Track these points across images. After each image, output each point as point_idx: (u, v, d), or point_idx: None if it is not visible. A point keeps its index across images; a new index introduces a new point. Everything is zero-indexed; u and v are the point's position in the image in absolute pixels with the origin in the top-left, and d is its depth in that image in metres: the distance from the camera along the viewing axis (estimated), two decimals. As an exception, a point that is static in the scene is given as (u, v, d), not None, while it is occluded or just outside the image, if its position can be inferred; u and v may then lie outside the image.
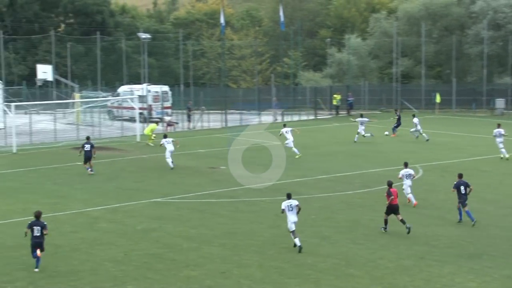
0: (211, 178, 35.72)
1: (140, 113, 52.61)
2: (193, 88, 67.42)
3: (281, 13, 71.82)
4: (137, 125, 49.98)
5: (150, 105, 58.41)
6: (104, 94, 60.88)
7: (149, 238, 25.25)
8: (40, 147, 45.68)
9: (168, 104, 61.10)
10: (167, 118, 56.66)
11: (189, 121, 57.95)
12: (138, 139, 48.98)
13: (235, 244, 24.44)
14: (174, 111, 61.09)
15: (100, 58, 60.25)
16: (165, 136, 39.76)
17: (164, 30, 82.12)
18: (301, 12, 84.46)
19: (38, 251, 21.84)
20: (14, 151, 43.64)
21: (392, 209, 25.27)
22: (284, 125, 44.12)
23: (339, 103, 66.73)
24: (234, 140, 48.28)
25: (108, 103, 59.27)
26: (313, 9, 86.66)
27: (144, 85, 57.55)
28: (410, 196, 29.31)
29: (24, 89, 67.65)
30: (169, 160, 38.46)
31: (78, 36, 74.98)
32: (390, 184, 25.48)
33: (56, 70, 64.35)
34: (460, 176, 27.08)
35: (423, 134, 48.38)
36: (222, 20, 69.84)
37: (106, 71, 71.41)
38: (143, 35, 57.42)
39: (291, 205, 23.57)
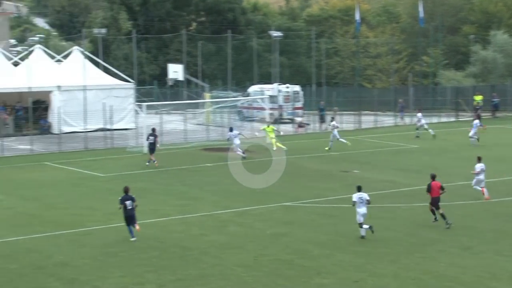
0: (344, 182, 35.52)
1: (271, 114, 53.03)
2: (325, 88, 67.33)
3: (420, 9, 70.46)
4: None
5: (281, 106, 58.80)
6: (234, 94, 61.79)
7: (279, 243, 25.38)
8: (170, 148, 46.93)
9: (299, 104, 61.29)
10: (298, 119, 56.85)
11: (321, 122, 57.89)
12: (268, 140, 49.34)
13: (369, 252, 24.17)
14: (306, 112, 61.19)
15: (230, 57, 61.23)
16: (231, 130, 43.28)
17: (297, 27, 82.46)
18: (442, 7, 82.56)
19: (137, 226, 25.40)
20: (145, 151, 45.05)
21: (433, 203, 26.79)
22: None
23: (481, 103, 64.66)
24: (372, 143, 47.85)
25: (238, 104, 60.14)
26: (456, 4, 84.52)
27: (275, 85, 58.00)
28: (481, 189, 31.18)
29: (155, 89, 69.74)
30: (240, 152, 41.54)
31: (209, 34, 76.55)
32: (432, 177, 26.95)
33: (187, 69, 65.93)
34: None
35: (429, 130, 49.11)
36: (357, 17, 69.38)
37: (236, 70, 72.51)
38: (275, 33, 57.90)
39: (362, 197, 25.30)
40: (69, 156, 42.38)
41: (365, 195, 25.59)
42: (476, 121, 47.71)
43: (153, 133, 40.58)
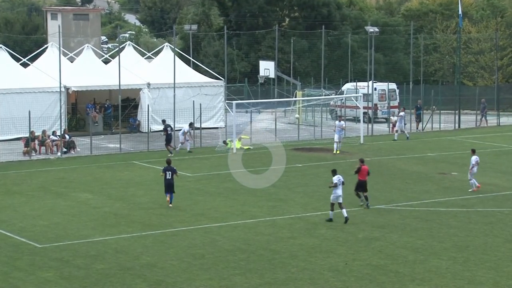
0: (441, 185, 34.95)
1: (365, 113, 52.62)
2: (423, 86, 66.35)
3: (527, 2, 68.48)
4: (361, 126, 50.07)
5: (376, 104, 58.26)
6: (327, 92, 61.55)
7: (371, 247, 25.18)
8: (260, 147, 47.13)
9: (395, 103, 60.59)
10: (393, 119, 56.20)
11: (418, 121, 57.08)
12: (361, 140, 49.06)
13: (467, 259, 23.73)
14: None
15: (324, 53, 61.04)
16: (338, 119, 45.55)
17: (394, 23, 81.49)
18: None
19: (172, 195, 30.89)
20: (234, 151, 45.42)
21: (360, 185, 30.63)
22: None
23: None
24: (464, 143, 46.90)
25: (331, 102, 59.87)
26: None
27: (370, 83, 57.51)
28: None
29: (246, 86, 70.15)
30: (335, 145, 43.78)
31: (302, 30, 76.49)
32: (361, 161, 31.02)
33: (279, 66, 66.04)
34: None
35: (405, 132, 49.98)
36: (460, 11, 68.07)
37: (329, 67, 72.21)
38: (371, 29, 57.35)
39: (340, 179, 28.75)
40: (157, 155, 43.14)
41: (341, 177, 28.92)
42: None
43: (168, 124, 44.48)
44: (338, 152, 43.45)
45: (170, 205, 30.99)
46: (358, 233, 27.03)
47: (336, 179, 28.80)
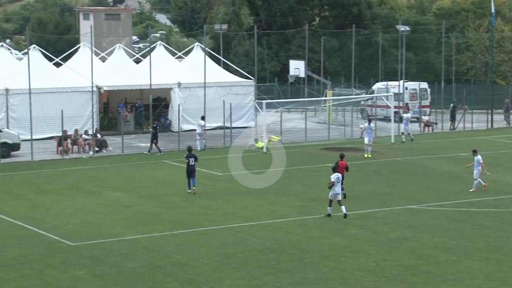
0: (473, 185, 34.66)
1: (395, 112, 52.37)
2: (454, 85, 65.88)
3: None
4: (392, 125, 49.86)
5: (407, 104, 57.96)
6: (358, 91, 61.34)
7: (403, 247, 25.07)
8: (290, 147, 47.13)
9: (426, 102, 60.22)
10: (424, 118, 55.90)
11: (452, 120, 56.70)
12: (392, 140, 48.84)
13: (500, 260, 23.54)
14: (434, 110, 60.07)
15: (354, 53, 60.81)
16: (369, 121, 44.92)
17: (425, 21, 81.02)
18: None
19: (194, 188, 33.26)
20: (265, 150, 45.42)
21: None
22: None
23: None
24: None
25: (362, 101, 59.67)
26: None
27: (401, 82, 57.22)
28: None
29: (276, 86, 70.12)
30: (367, 148, 43.08)
31: (333, 29, 76.29)
32: (341, 157, 31.95)
33: (309, 66, 65.92)
34: None
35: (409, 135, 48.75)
36: (492, 9, 67.46)
37: (360, 66, 71.94)
38: (402, 28, 57.06)
39: (339, 177, 29.06)
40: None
41: (340, 175, 29.31)
42: None
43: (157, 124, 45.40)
44: (369, 155, 42.77)
45: (189, 190, 33.32)
46: (389, 233, 26.92)
47: (334, 177, 29.12)
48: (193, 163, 33.60)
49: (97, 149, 45.20)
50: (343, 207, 29.14)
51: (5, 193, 34.26)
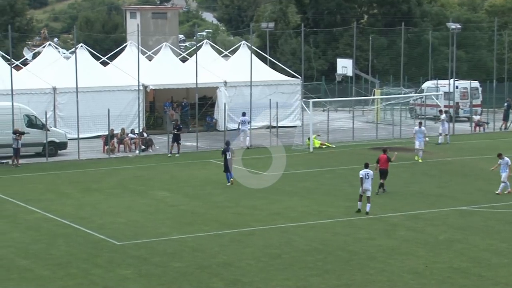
0: (526, 187, 34.14)
1: (446, 112, 51.80)
2: (507, 84, 64.97)
3: None
4: (441, 125, 49.31)
5: (457, 103, 57.32)
6: (407, 90, 60.83)
7: (453, 250, 24.80)
8: (337, 146, 46.92)
9: (477, 102, 59.47)
10: (476, 118, 55.21)
11: (504, 120, 55.89)
12: (442, 140, 48.33)
13: (553, 264, 23.13)
14: (485, 109, 59.31)
15: (403, 51, 60.31)
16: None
17: (477, 19, 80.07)
18: None
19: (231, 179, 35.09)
20: (311, 150, 45.31)
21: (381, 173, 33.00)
22: None
23: None
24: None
25: (411, 101, 59.15)
26: None
27: (451, 81, 56.59)
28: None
29: (323, 85, 69.89)
30: (418, 152, 41.76)
31: (381, 27, 75.80)
32: (383, 150, 33.53)
33: (356, 64, 65.59)
34: None
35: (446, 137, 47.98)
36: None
37: (409, 65, 71.33)
38: (453, 25, 56.42)
39: (368, 174, 29.55)
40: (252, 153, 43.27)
41: (371, 172, 29.75)
42: None
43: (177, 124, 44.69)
44: (420, 160, 41.91)
45: (228, 183, 35.12)
46: (439, 234, 26.65)
47: (362, 173, 29.64)
48: (230, 157, 35.14)
49: (143, 148, 45.51)
50: (368, 205, 29.53)
51: (52, 191, 34.69)
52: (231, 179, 35.37)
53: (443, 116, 48.94)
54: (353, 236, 26.52)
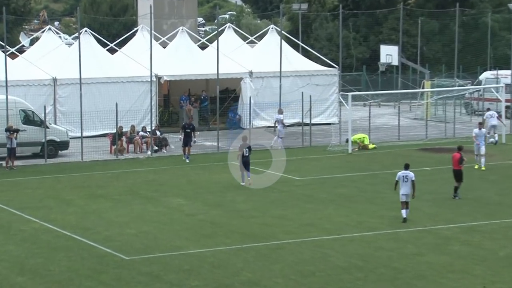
0: None
1: (507, 107, 51.51)
2: None
3: None
4: (503, 122, 49.05)
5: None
6: (461, 82, 60.59)
7: (515, 268, 24.66)
8: (380, 147, 46.79)
9: (544, 95, 59.07)
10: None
11: None
12: (504, 140, 48.04)
13: None
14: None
15: (458, 36, 60.10)
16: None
17: (544, -1, 79.64)
18: None
19: (250, 179, 36.10)
20: (349, 151, 45.22)
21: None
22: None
23: None
24: None
25: (466, 94, 58.89)
26: None
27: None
28: None
29: (364, 75, 69.84)
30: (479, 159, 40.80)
31: (432, 9, 75.54)
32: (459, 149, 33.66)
33: (403, 52, 65.47)
34: None
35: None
36: None
37: (464, 52, 71.11)
38: (515, 6, 56.21)
39: (407, 176, 29.60)
40: (260, 156, 43.34)
41: (411, 174, 29.68)
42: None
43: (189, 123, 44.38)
44: (483, 168, 41.36)
45: (243, 183, 36.08)
46: (499, 250, 26.51)
47: (399, 175, 29.90)
48: (247, 154, 35.97)
49: (156, 148, 45.70)
50: (405, 210, 29.87)
51: (52, 198, 34.90)
52: (248, 178, 36.20)
53: (491, 113, 48.36)
54: (398, 252, 26.43)
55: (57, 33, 59.81)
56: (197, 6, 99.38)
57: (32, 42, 67.03)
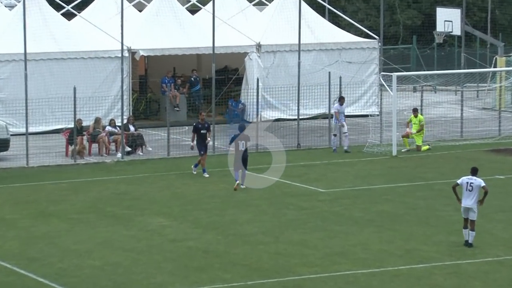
0: None
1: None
2: None
3: None
4: None
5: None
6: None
7: None
8: (436, 147, 46.76)
9: None
10: None
11: None
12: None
13: None
14: None
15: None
16: None
17: None
18: None
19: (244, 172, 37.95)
20: (394, 153, 45.17)
21: None
22: None
23: None
24: None
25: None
26: None
27: None
28: None
29: (413, 49, 69.73)
30: None
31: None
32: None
33: (467, 17, 65.43)
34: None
35: None
36: None
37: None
38: None
39: (472, 184, 29.61)
40: (270, 159, 43.40)
41: (477, 181, 29.74)
42: None
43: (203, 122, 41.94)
44: None
45: (243, 186, 38.07)
46: None
47: (462, 180, 30.23)
48: (243, 148, 37.90)
49: (129, 149, 45.68)
50: (471, 233, 30.13)
51: (-15, 217, 34.96)
52: (242, 185, 38.03)
53: None
54: (458, 291, 26.49)
55: (-6, -9, 59.85)
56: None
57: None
